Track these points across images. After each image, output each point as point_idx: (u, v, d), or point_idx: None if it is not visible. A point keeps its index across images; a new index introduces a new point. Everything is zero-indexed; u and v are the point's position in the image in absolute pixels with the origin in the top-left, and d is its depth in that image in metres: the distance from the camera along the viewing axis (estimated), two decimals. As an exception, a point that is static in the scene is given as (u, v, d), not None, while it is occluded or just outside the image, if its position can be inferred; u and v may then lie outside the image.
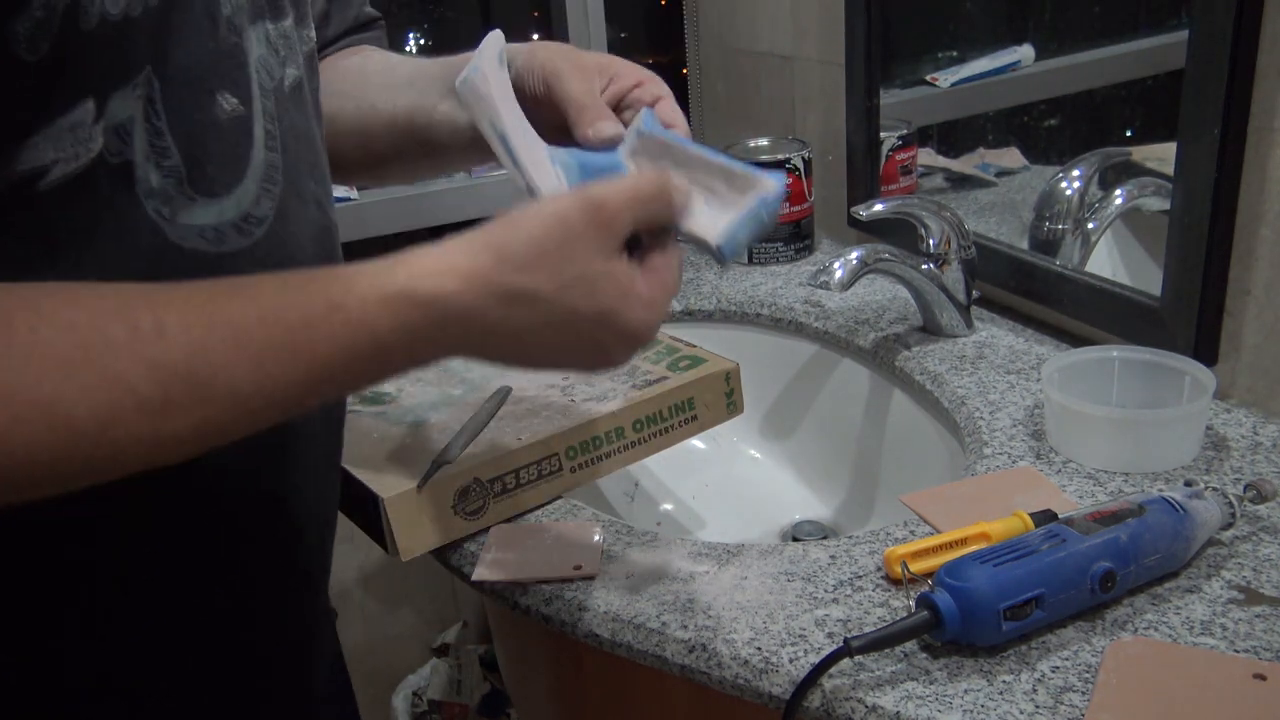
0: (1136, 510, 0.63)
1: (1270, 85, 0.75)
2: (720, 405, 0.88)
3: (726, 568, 0.69)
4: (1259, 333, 0.80)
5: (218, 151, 0.52)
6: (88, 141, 0.46)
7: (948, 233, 0.96)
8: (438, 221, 1.45)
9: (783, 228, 1.21)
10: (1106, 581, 0.60)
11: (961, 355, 0.95)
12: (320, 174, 0.63)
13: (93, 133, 0.46)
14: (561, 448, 0.79)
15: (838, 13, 1.15)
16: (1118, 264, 0.97)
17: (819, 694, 0.58)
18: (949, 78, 1.13)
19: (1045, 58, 1.05)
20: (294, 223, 0.58)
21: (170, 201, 0.50)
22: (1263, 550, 0.66)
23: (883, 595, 0.65)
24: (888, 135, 1.16)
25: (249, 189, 0.54)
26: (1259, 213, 0.78)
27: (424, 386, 0.89)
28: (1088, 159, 1.01)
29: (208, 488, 0.57)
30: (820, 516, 1.03)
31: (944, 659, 0.59)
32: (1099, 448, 0.76)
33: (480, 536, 0.75)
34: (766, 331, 1.12)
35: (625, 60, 0.66)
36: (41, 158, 0.45)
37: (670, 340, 0.94)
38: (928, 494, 0.75)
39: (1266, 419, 0.80)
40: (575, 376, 0.87)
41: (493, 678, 1.57)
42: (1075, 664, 0.58)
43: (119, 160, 0.48)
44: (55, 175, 0.46)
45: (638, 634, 0.64)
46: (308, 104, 0.61)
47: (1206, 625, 0.60)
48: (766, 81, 1.37)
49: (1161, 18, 0.93)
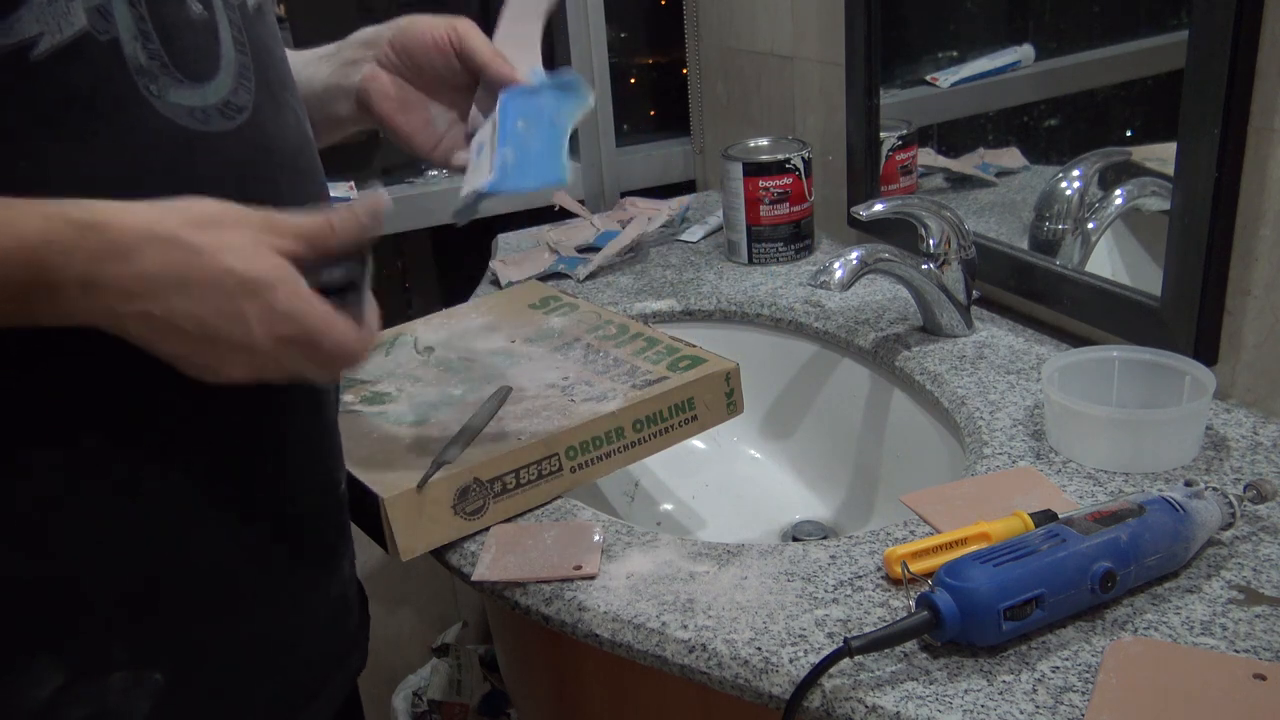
0: (1136, 510, 0.63)
1: (1270, 85, 0.75)
2: (720, 405, 0.88)
3: (726, 568, 0.69)
4: (1259, 333, 0.80)
5: (192, 45, 0.56)
6: (68, 15, 0.50)
7: (948, 233, 0.96)
8: (438, 222, 1.45)
9: (783, 228, 1.21)
10: (1106, 581, 0.60)
11: (961, 355, 0.95)
12: (295, 92, 0.66)
13: (70, 7, 0.50)
14: (561, 448, 0.79)
15: (838, 13, 1.15)
16: (1118, 264, 0.97)
17: (819, 694, 0.58)
18: (949, 78, 1.13)
19: (1045, 58, 1.05)
20: (272, 122, 0.61)
21: (157, 80, 0.54)
22: (1263, 550, 0.66)
23: (883, 595, 0.65)
24: (888, 135, 1.16)
25: (225, 80, 0.58)
26: (1259, 213, 0.78)
27: (424, 386, 0.89)
28: (1088, 159, 1.01)
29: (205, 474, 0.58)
30: (820, 516, 1.03)
31: (944, 659, 0.59)
32: (1099, 448, 0.76)
33: (480, 536, 0.75)
34: (766, 331, 1.12)
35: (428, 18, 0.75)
36: (28, 29, 0.49)
37: (670, 340, 0.94)
38: (928, 494, 0.75)
39: (1266, 419, 0.80)
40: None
41: (493, 678, 1.57)
42: (1075, 664, 0.58)
43: (106, 38, 0.52)
44: (44, 46, 0.50)
45: (638, 634, 0.64)
46: (272, 26, 0.64)
47: (1206, 625, 0.60)
48: (766, 81, 1.37)
49: (1161, 18, 0.93)
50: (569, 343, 0.96)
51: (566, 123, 0.71)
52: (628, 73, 1.61)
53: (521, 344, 0.96)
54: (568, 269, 1.24)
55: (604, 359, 0.91)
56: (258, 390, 0.56)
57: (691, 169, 1.60)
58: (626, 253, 1.28)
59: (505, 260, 1.27)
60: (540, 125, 0.70)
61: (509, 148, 0.69)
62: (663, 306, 1.15)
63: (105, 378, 0.54)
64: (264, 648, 0.64)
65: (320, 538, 0.68)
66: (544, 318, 1.02)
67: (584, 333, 0.97)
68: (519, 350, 0.95)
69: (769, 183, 1.19)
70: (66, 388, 0.54)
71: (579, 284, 1.22)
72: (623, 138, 1.54)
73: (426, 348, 0.97)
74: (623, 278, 1.23)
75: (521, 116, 0.70)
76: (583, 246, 1.30)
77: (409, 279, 1.72)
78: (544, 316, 1.02)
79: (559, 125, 0.70)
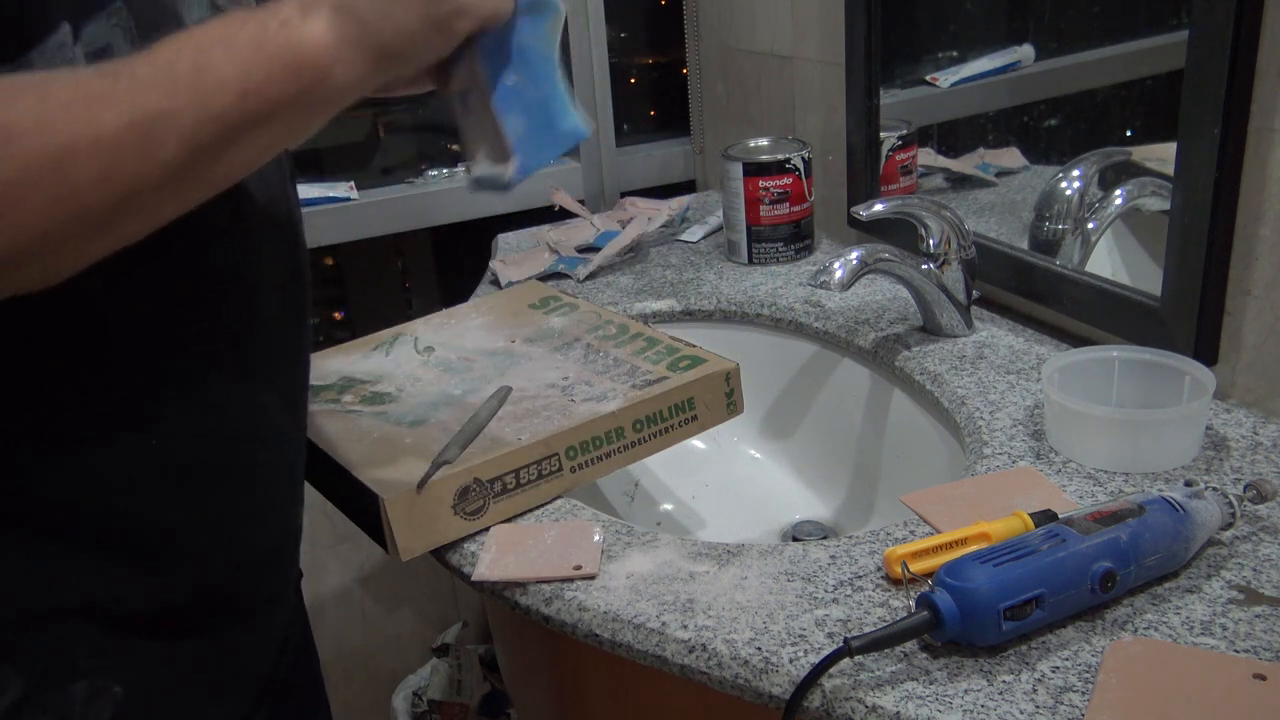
0: (1136, 510, 0.63)
1: (1270, 85, 0.75)
2: (720, 405, 0.88)
3: (726, 568, 0.69)
4: (1259, 333, 0.80)
5: None
6: (72, 61, 0.50)
7: (948, 233, 0.96)
8: (438, 222, 1.45)
9: (783, 228, 1.21)
10: (1106, 581, 0.60)
11: (961, 355, 0.95)
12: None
13: (75, 53, 0.50)
14: (561, 448, 0.79)
15: (838, 13, 1.15)
16: (1118, 264, 0.97)
17: (819, 694, 0.58)
18: (949, 78, 1.13)
19: (1045, 58, 1.04)
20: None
21: None
22: (1263, 550, 0.66)
23: (883, 595, 0.65)
24: (888, 135, 1.16)
25: None
26: (1259, 213, 0.78)
27: (424, 386, 0.89)
28: (1088, 159, 1.01)
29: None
30: (820, 516, 1.03)
31: (944, 659, 0.59)
32: (1099, 448, 0.76)
33: (480, 536, 0.75)
34: (766, 331, 1.12)
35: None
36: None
37: (670, 340, 0.94)
38: (928, 494, 0.75)
39: (1266, 419, 0.80)
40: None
41: (493, 678, 1.57)
42: (1075, 664, 0.58)
43: None
44: None
45: (638, 634, 0.64)
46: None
47: (1206, 625, 0.60)
48: (766, 81, 1.37)
49: (1161, 18, 0.93)
50: (569, 343, 0.96)
51: (552, 51, 0.62)
52: (628, 73, 1.62)
53: (521, 344, 0.96)
54: (568, 269, 1.24)
55: (604, 359, 0.91)
56: (227, 424, 0.57)
57: (691, 169, 1.60)
58: (626, 253, 1.28)
59: (505, 260, 1.27)
60: (529, 68, 0.61)
61: (513, 115, 0.61)
62: (663, 306, 1.15)
63: (84, 396, 0.55)
64: (222, 665, 0.65)
65: (277, 570, 0.70)
66: (544, 318, 1.02)
67: (584, 333, 0.97)
68: (519, 350, 0.95)
69: (769, 183, 1.19)
70: (40, 405, 0.54)
71: (579, 284, 1.22)
72: (623, 138, 1.54)
73: (426, 348, 0.97)
74: (623, 278, 1.23)
75: (508, 67, 0.60)
76: (583, 246, 1.30)
77: (409, 279, 1.72)
78: (544, 316, 1.02)
79: (545, 57, 0.61)
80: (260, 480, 0.65)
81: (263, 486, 0.65)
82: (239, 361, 0.61)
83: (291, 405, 0.68)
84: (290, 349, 0.67)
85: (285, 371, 0.67)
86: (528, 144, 0.61)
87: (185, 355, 0.58)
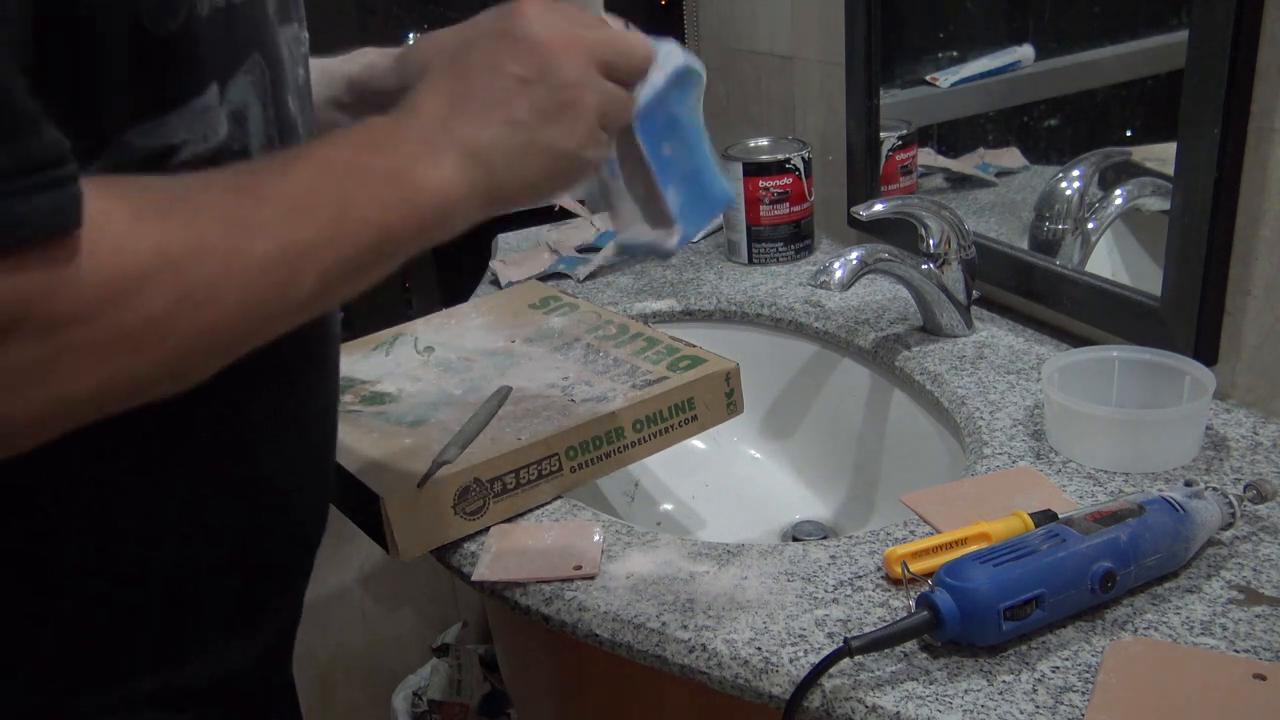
0: (1136, 510, 0.63)
1: (1270, 85, 0.75)
2: (720, 405, 0.88)
3: (726, 568, 0.69)
4: (1259, 333, 0.80)
5: (292, 144, 0.55)
6: (215, 124, 0.48)
7: (948, 233, 0.96)
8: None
9: (783, 228, 1.21)
10: (1106, 581, 0.60)
11: (961, 355, 0.95)
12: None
13: (219, 115, 0.49)
14: (561, 448, 0.79)
15: (838, 13, 1.15)
16: (1118, 264, 0.97)
17: (819, 694, 0.58)
18: (949, 78, 1.13)
19: (1045, 58, 1.05)
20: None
21: None
22: (1263, 550, 0.66)
23: (883, 595, 0.65)
24: (888, 135, 1.16)
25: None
26: (1259, 213, 0.78)
27: (424, 386, 0.89)
28: (1088, 159, 1.01)
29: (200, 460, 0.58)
30: (820, 516, 1.03)
31: (944, 659, 0.59)
32: (1099, 448, 0.76)
33: (480, 536, 0.75)
34: (766, 331, 1.12)
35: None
36: (174, 136, 0.47)
37: (670, 340, 0.94)
38: (928, 494, 0.75)
39: (1266, 419, 0.80)
40: (575, 372, 0.87)
41: (493, 678, 1.57)
42: (1075, 664, 0.58)
43: (239, 147, 0.50)
44: (184, 155, 0.48)
45: (638, 634, 0.64)
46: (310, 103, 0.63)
47: (1206, 625, 0.60)
48: (766, 81, 1.37)
49: (1161, 18, 0.93)
50: (569, 343, 0.96)
51: (697, 117, 0.62)
52: (628, 73, 1.61)
53: (521, 344, 0.96)
54: (568, 269, 1.24)
55: (604, 359, 0.91)
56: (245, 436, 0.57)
57: (691, 169, 1.60)
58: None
59: (505, 260, 1.27)
60: (682, 138, 0.61)
61: (671, 185, 0.60)
62: (663, 306, 1.15)
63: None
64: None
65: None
66: (544, 318, 1.02)
67: (584, 333, 0.97)
68: (519, 350, 0.95)
69: (769, 183, 1.19)
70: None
71: (579, 284, 1.22)
72: (623, 138, 1.54)
73: (426, 348, 0.97)
74: (623, 278, 1.23)
75: (661, 138, 0.60)
76: (583, 246, 1.30)
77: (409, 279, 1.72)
78: (544, 316, 1.02)
79: (695, 125, 0.62)
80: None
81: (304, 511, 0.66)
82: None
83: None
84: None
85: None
86: (687, 211, 0.61)
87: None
